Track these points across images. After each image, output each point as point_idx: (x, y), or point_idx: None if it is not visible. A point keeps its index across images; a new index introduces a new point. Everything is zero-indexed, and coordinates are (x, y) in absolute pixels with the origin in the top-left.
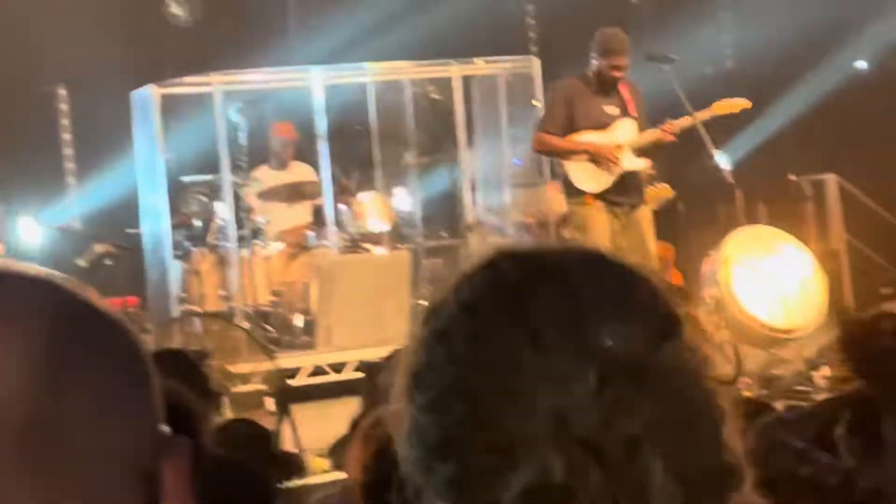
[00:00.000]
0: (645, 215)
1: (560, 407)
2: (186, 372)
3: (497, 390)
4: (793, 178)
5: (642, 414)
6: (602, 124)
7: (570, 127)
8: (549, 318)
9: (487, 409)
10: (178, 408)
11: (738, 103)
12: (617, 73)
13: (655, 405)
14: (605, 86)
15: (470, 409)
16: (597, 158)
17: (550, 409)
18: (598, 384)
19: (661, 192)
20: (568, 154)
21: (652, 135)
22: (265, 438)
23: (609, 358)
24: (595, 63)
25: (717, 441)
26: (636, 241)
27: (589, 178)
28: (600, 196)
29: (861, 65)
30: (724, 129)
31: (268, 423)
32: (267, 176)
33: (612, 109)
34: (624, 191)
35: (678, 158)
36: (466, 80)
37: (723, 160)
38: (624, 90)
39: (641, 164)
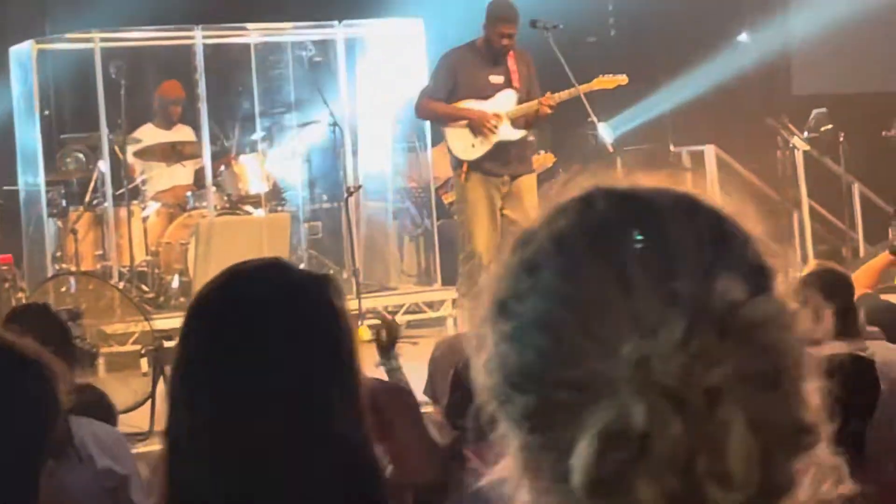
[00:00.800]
0: (527, 184)
1: (644, 352)
2: (49, 328)
3: (581, 327)
4: (672, 148)
5: (726, 366)
6: (485, 94)
7: (453, 95)
8: (639, 262)
9: (570, 345)
10: (36, 363)
11: (616, 80)
12: (505, 42)
13: (740, 358)
14: (494, 55)
15: (552, 343)
16: (473, 125)
17: (634, 353)
18: (685, 333)
19: (543, 159)
20: (447, 120)
21: (529, 107)
22: (107, 409)
23: (697, 307)
24: (484, 31)
25: (798, 398)
26: (518, 209)
27: (465, 146)
28: (477, 166)
29: (743, 38)
30: (608, 99)
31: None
32: (151, 134)
33: (496, 79)
34: (505, 162)
35: (561, 127)
36: (350, 42)
37: (605, 131)
38: (511, 61)
39: (518, 135)
